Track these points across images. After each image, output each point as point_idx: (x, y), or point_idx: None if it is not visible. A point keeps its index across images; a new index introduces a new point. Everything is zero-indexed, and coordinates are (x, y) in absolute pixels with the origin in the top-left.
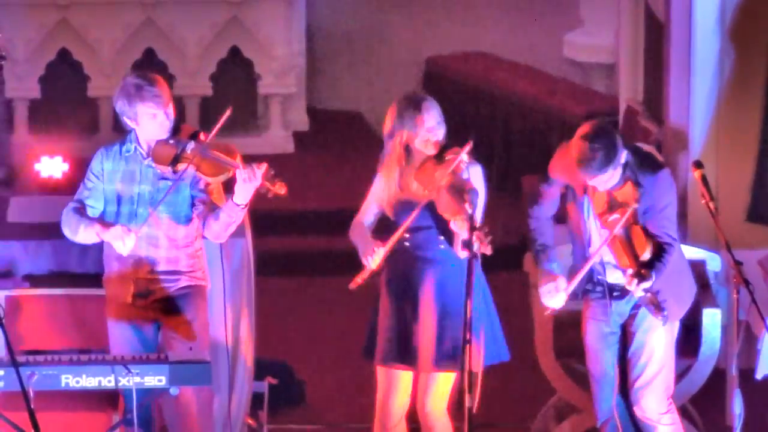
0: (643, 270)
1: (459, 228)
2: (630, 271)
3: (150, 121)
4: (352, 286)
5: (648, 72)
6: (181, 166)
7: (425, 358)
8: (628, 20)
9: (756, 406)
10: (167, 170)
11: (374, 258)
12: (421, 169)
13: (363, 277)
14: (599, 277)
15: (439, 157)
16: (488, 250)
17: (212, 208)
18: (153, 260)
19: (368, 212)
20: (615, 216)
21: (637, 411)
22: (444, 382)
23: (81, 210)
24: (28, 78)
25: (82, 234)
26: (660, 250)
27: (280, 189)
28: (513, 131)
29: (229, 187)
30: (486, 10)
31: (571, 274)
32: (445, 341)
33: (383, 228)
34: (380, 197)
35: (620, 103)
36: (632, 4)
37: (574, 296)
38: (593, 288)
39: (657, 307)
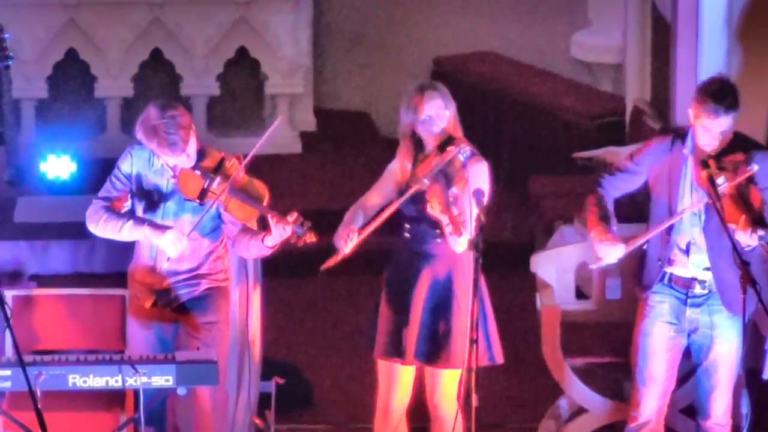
0: (757, 221)
1: (436, 212)
2: (744, 218)
3: (169, 158)
4: (323, 268)
5: (655, 72)
6: (208, 201)
7: (410, 350)
8: (635, 21)
9: (763, 406)
10: (194, 201)
11: (348, 243)
12: (423, 159)
13: (335, 260)
14: (679, 273)
15: (442, 148)
16: (457, 233)
17: (244, 230)
18: (175, 272)
19: (372, 194)
20: (729, 176)
21: (710, 420)
22: (449, 379)
23: (112, 208)
24: (35, 78)
25: (127, 233)
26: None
27: (311, 237)
28: (520, 131)
29: None
30: (493, 10)
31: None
32: (430, 336)
33: (388, 227)
34: (387, 182)
35: (627, 104)
36: (639, 4)
37: (644, 288)
38: (666, 288)
39: None
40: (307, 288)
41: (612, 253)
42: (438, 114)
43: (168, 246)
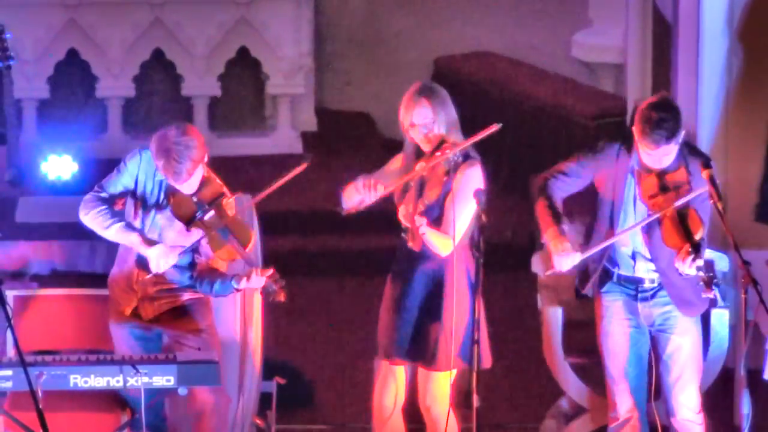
0: (696, 249)
1: (402, 215)
2: (685, 248)
3: (169, 180)
4: (344, 212)
5: (656, 72)
6: (194, 229)
7: (397, 349)
8: (636, 20)
9: (764, 406)
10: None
11: (372, 193)
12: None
13: (357, 208)
14: (625, 273)
15: (433, 152)
16: (414, 246)
17: (209, 270)
18: (158, 280)
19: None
20: (670, 196)
21: (678, 416)
22: (442, 381)
23: (107, 201)
24: (36, 78)
25: (113, 233)
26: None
27: (280, 297)
28: (521, 131)
29: None
30: (494, 11)
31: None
32: (415, 335)
33: (389, 227)
34: (385, 175)
35: (628, 104)
36: (640, 4)
37: (583, 294)
38: (616, 286)
39: (708, 285)
40: (307, 288)
41: (568, 262)
42: (423, 123)
43: (154, 260)
